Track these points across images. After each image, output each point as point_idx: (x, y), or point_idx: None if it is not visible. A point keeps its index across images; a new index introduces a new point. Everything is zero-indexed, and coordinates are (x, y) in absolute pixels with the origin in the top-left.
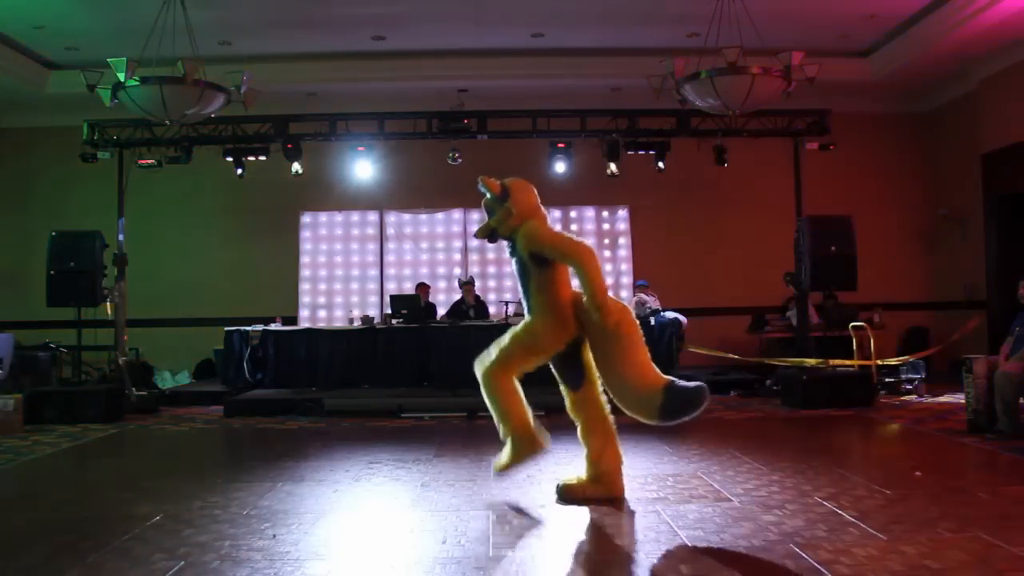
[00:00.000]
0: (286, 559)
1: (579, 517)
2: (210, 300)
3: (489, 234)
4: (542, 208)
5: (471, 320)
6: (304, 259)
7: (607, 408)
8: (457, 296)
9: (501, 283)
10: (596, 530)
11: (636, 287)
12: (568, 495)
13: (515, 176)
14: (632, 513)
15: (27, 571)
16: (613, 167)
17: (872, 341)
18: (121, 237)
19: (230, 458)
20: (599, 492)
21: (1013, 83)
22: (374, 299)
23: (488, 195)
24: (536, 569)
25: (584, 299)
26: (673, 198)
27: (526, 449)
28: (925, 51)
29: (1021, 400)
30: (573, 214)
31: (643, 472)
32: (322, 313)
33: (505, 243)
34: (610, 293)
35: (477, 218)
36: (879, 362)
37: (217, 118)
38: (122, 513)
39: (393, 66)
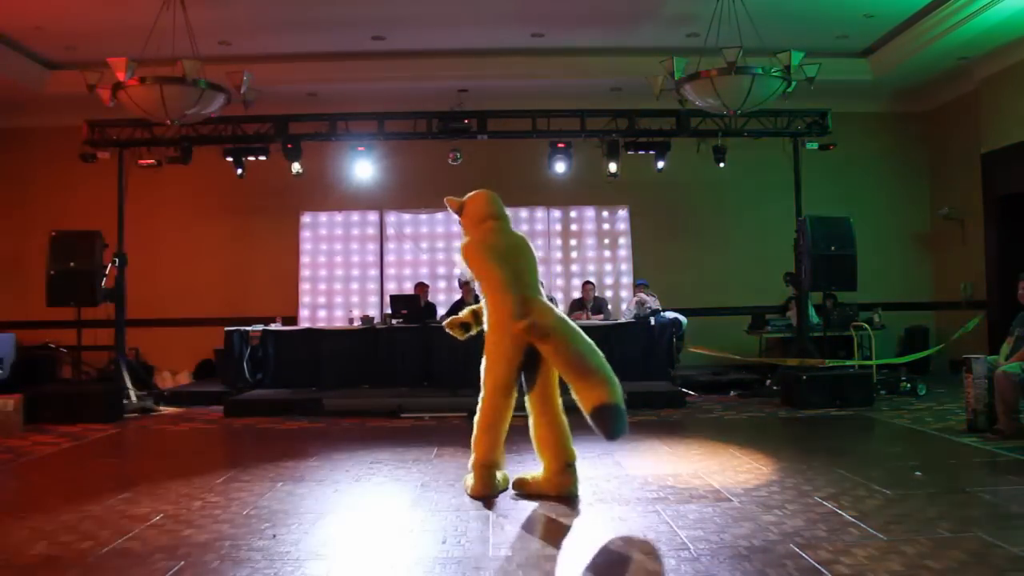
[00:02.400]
0: (286, 559)
1: (579, 517)
2: (210, 300)
3: None
4: (494, 218)
5: None
6: (304, 259)
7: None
8: (457, 296)
9: None
10: (596, 530)
11: (636, 287)
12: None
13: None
14: (632, 513)
15: (27, 571)
16: (613, 167)
17: (872, 341)
18: (121, 237)
19: (230, 458)
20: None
21: (1013, 83)
22: (374, 299)
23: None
24: (536, 569)
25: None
26: (673, 198)
27: (480, 487)
28: (925, 51)
29: (1021, 400)
30: (573, 214)
31: (643, 472)
32: (322, 313)
33: None
34: (609, 294)
35: None
36: (878, 362)
37: (217, 118)
38: (122, 513)
39: (393, 66)
